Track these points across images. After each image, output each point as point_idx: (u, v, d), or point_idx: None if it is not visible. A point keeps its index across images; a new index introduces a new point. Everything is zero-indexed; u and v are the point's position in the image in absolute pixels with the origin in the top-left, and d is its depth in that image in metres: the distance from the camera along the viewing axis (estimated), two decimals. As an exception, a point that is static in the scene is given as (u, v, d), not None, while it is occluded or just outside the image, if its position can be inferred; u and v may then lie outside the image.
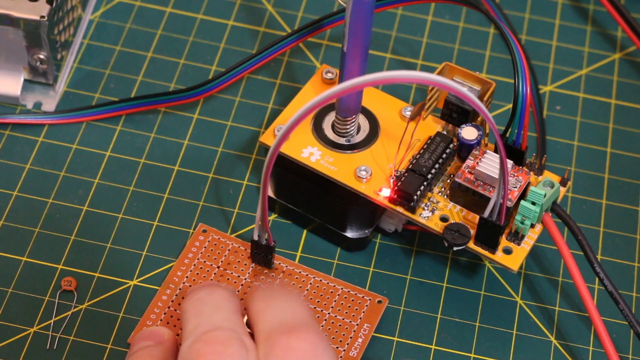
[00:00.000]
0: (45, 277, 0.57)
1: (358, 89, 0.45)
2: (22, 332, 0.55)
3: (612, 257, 0.60)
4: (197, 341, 0.47)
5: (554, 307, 0.58)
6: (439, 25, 0.69)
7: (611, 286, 0.54)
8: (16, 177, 0.61)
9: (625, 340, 0.57)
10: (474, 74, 0.57)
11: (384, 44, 0.68)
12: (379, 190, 0.55)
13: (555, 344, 0.57)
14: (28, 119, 0.63)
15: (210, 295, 0.50)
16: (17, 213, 0.59)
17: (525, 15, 0.70)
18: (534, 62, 0.68)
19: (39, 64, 0.62)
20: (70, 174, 0.61)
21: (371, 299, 0.57)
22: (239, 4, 0.69)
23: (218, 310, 0.49)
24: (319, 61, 0.67)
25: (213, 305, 0.49)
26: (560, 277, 0.59)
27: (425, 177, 0.55)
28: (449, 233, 0.54)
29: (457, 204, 0.55)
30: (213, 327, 0.47)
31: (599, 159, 0.64)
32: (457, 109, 0.57)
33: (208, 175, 0.62)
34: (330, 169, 0.56)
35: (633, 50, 0.69)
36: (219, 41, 0.67)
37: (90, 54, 0.66)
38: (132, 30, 0.68)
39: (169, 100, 0.62)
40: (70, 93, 0.64)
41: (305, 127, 0.58)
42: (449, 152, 0.56)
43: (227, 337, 0.47)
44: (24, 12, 0.60)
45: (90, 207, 0.60)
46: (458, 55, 0.68)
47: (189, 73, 0.66)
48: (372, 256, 0.59)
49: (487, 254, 0.54)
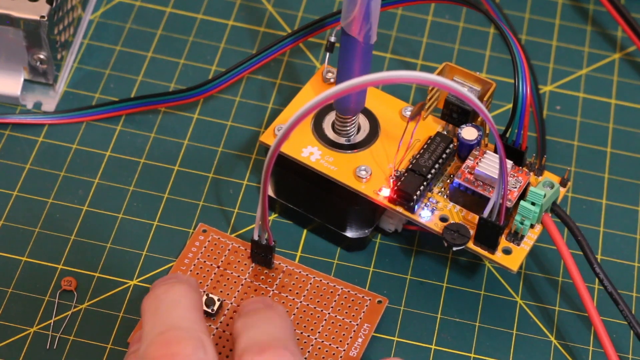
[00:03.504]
0: (45, 277, 0.57)
1: (359, 89, 0.45)
2: (22, 332, 0.55)
3: (612, 257, 0.60)
4: (151, 344, 0.45)
5: (554, 307, 0.58)
6: (439, 25, 0.69)
7: (611, 286, 0.54)
8: (16, 177, 0.61)
9: (625, 340, 0.57)
10: (474, 74, 0.57)
11: (384, 44, 0.68)
12: (379, 190, 0.55)
13: (555, 344, 0.57)
14: (28, 119, 0.63)
15: (166, 293, 0.48)
16: (17, 213, 0.59)
17: (525, 15, 0.70)
18: (534, 62, 0.68)
19: (39, 64, 0.62)
20: (70, 174, 0.61)
21: (371, 299, 0.57)
22: (239, 4, 0.69)
23: (175, 308, 0.47)
24: (319, 61, 0.67)
25: (169, 303, 0.48)
26: (560, 277, 0.59)
27: (425, 177, 0.55)
28: (449, 233, 0.54)
29: (457, 204, 0.56)
30: (168, 327, 0.46)
31: (599, 159, 0.64)
32: (457, 109, 0.57)
33: (208, 175, 0.62)
34: (330, 169, 0.56)
35: (633, 50, 0.69)
36: (219, 41, 0.67)
37: (90, 54, 0.66)
38: (132, 30, 0.68)
39: (169, 100, 0.62)
40: (70, 93, 0.64)
41: (306, 127, 0.58)
42: (448, 152, 0.56)
43: (182, 338, 0.45)
44: (24, 12, 0.60)
45: (90, 207, 0.60)
46: (458, 55, 0.68)
47: (189, 73, 0.66)
48: (372, 256, 0.59)
49: (486, 254, 0.54)
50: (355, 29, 0.51)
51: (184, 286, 0.48)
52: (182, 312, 0.47)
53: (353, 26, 0.51)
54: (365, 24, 0.51)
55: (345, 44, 0.53)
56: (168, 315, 0.47)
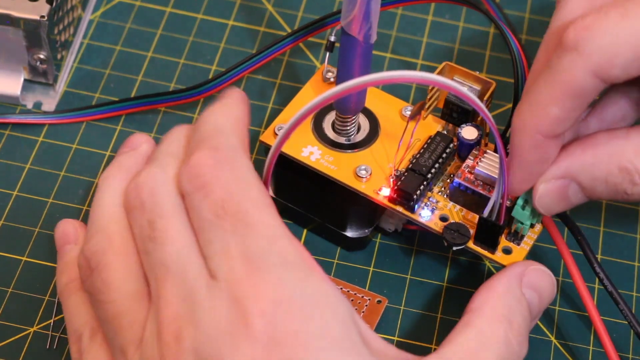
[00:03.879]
0: (45, 277, 0.57)
1: (360, 88, 0.45)
2: (22, 332, 0.55)
3: (612, 257, 0.60)
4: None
5: (554, 307, 0.58)
6: (439, 25, 0.69)
7: (611, 286, 0.54)
8: (16, 177, 0.61)
9: (626, 340, 0.57)
10: (474, 74, 0.57)
11: (384, 43, 0.68)
12: (379, 190, 0.55)
13: (555, 343, 0.57)
14: (28, 119, 0.63)
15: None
16: (17, 213, 0.59)
17: (525, 15, 0.70)
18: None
19: (39, 64, 0.62)
20: (70, 174, 0.61)
21: (370, 298, 0.57)
22: (239, 4, 0.69)
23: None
24: (319, 61, 0.67)
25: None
26: (561, 277, 0.59)
27: (425, 176, 0.55)
28: (449, 233, 0.54)
29: (457, 204, 0.56)
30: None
31: (599, 158, 0.64)
32: (458, 109, 0.57)
33: (208, 175, 0.62)
34: (330, 168, 0.56)
35: (633, 50, 0.69)
36: (219, 41, 0.67)
37: (90, 54, 0.66)
38: (132, 30, 0.68)
39: (169, 100, 0.62)
40: (70, 93, 0.64)
41: (306, 127, 0.58)
42: (449, 151, 0.56)
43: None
44: (24, 12, 0.60)
45: (90, 207, 0.60)
46: (458, 55, 0.68)
47: (189, 73, 0.66)
48: (372, 256, 0.59)
49: (486, 253, 0.54)
50: (355, 28, 0.51)
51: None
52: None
53: (353, 25, 0.51)
54: (365, 24, 0.51)
55: (345, 43, 0.53)
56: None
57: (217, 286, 0.44)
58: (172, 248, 0.46)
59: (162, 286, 0.45)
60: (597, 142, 0.49)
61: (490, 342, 0.48)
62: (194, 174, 0.47)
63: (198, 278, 0.45)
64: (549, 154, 0.49)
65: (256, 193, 0.46)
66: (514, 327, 0.49)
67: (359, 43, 0.52)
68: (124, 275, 0.47)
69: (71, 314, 0.50)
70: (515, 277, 0.51)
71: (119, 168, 0.51)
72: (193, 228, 0.46)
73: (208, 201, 0.46)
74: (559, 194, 0.50)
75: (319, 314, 0.44)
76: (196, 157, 0.47)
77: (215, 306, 0.44)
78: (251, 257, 0.44)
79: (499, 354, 0.48)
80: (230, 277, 0.44)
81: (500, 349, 0.48)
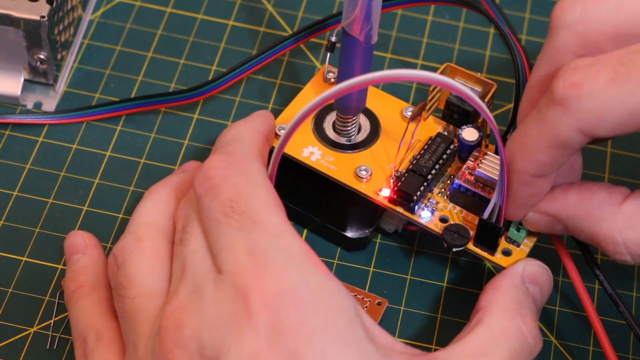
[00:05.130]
0: (45, 277, 0.57)
1: (361, 87, 0.45)
2: (22, 332, 0.55)
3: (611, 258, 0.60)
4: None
5: (553, 308, 0.58)
6: (439, 26, 0.69)
7: (610, 288, 0.54)
8: (16, 177, 0.61)
9: (625, 341, 0.57)
10: (476, 75, 0.57)
11: (384, 44, 0.68)
12: (379, 190, 0.55)
13: (555, 343, 0.57)
14: (28, 119, 0.63)
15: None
16: (17, 213, 0.59)
17: (525, 15, 0.70)
18: (533, 62, 0.68)
19: (39, 64, 0.62)
20: (70, 174, 0.61)
21: (371, 300, 0.57)
22: (239, 4, 0.69)
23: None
24: (319, 61, 0.67)
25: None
26: (560, 277, 0.59)
27: (425, 177, 0.55)
28: (449, 234, 0.54)
29: (457, 205, 0.56)
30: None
31: (599, 159, 0.64)
32: (458, 110, 0.57)
33: (208, 175, 0.62)
34: (330, 169, 0.56)
35: (633, 51, 0.69)
36: (219, 41, 0.67)
37: (90, 54, 0.66)
38: (132, 30, 0.68)
39: (169, 100, 0.62)
40: (70, 93, 0.64)
41: (306, 127, 0.58)
42: (449, 153, 0.56)
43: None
44: (24, 12, 0.60)
45: (90, 207, 0.60)
46: (458, 55, 0.68)
47: (189, 73, 0.66)
48: (372, 256, 0.59)
49: (486, 255, 0.54)
50: (356, 29, 0.51)
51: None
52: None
53: (354, 26, 0.51)
54: (366, 24, 0.51)
55: (346, 44, 0.53)
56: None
57: (222, 279, 0.45)
58: (188, 249, 0.48)
59: (177, 284, 0.47)
60: (593, 199, 0.50)
61: (502, 338, 0.48)
62: (206, 176, 0.48)
63: (207, 274, 0.46)
64: (539, 190, 0.51)
65: (265, 193, 0.48)
66: (526, 321, 0.49)
67: (360, 44, 0.52)
68: (147, 274, 0.49)
69: (77, 319, 0.52)
70: (518, 273, 0.52)
71: (165, 184, 0.55)
72: (204, 229, 0.48)
73: (217, 202, 0.47)
74: (546, 225, 0.52)
75: (323, 307, 0.44)
76: (209, 160, 0.49)
77: (219, 297, 0.45)
78: (256, 251, 0.45)
79: (512, 349, 0.48)
80: (234, 269, 0.45)
81: (512, 344, 0.48)
